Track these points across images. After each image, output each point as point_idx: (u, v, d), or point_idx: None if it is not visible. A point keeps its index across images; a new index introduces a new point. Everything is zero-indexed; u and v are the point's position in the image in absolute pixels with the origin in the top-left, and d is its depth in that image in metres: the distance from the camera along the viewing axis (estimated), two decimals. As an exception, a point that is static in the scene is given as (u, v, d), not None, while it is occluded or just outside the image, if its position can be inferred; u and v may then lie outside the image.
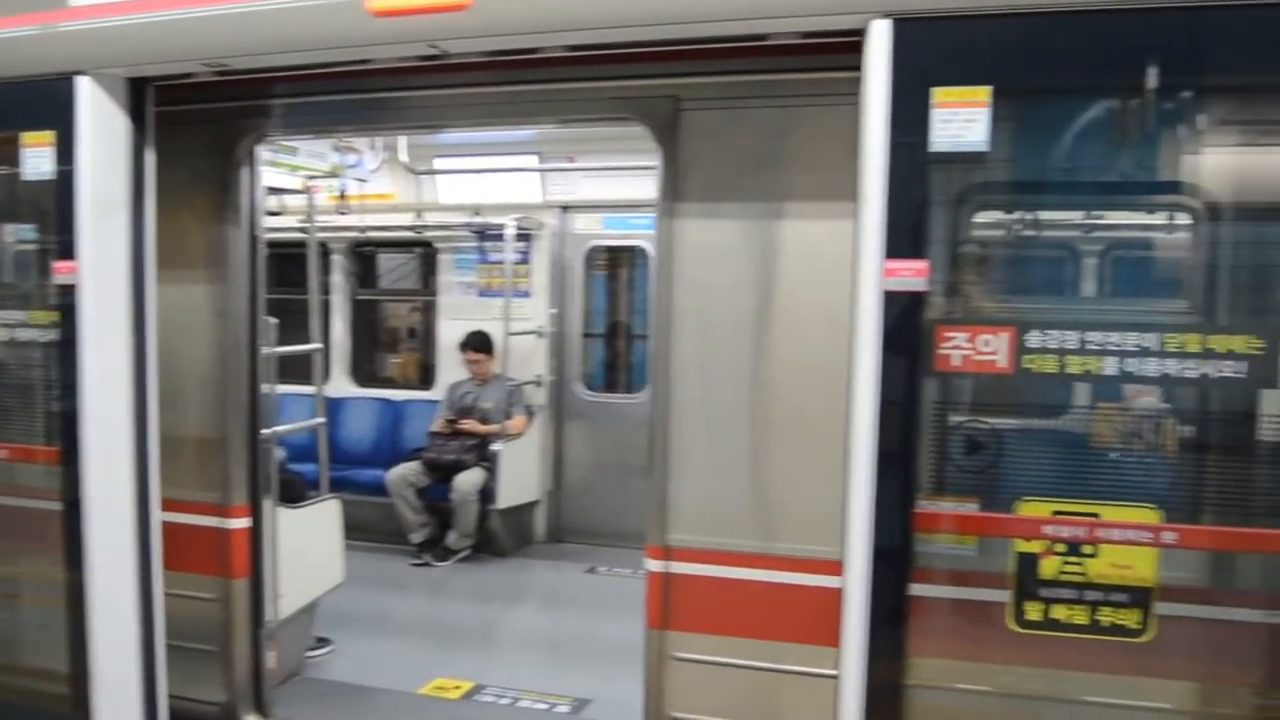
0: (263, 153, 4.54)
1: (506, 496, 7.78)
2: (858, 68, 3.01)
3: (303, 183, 6.24)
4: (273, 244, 4.65)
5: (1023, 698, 3.21)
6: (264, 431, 4.50)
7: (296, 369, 5.61)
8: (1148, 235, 3.39)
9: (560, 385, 8.49)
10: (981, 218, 3.21)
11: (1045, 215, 3.24)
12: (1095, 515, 2.93)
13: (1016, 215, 3.18)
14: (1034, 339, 2.87)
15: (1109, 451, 3.05)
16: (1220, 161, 3.05)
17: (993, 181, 3.10)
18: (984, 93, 2.83)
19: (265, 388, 4.49)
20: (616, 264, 9.08)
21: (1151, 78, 2.87)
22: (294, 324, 5.37)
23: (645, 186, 4.85)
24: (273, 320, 4.50)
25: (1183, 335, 2.82)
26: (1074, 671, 3.13)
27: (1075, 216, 3.42)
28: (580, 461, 8.53)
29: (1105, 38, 2.84)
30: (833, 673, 3.25)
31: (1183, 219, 3.19)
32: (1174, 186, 3.11)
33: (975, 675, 3.21)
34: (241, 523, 4.41)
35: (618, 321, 9.28)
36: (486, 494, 7.73)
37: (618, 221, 8.27)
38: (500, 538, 7.95)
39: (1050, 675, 3.16)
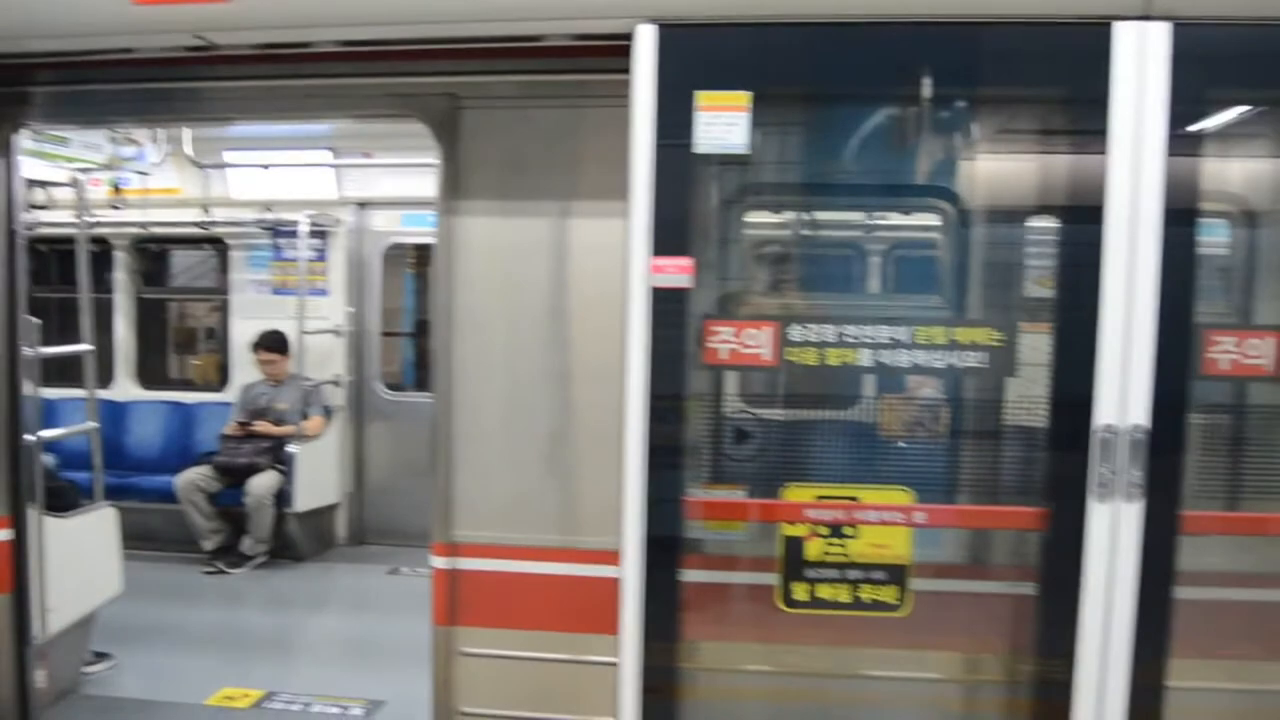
0: (25, 142, 4.27)
1: (304, 499, 7.57)
2: (628, 70, 3.09)
3: (70, 175, 5.88)
4: (45, 240, 4.37)
5: (795, 675, 3.38)
6: (27, 437, 4.24)
7: (77, 372, 5.29)
8: (903, 236, 3.61)
9: (360, 385, 8.32)
10: (747, 218, 3.34)
11: (806, 216, 3.41)
12: (854, 499, 3.11)
13: (779, 215, 3.33)
14: (796, 333, 3.02)
15: (867, 438, 3.24)
16: (969, 167, 3.28)
17: (756, 183, 3.24)
18: (744, 98, 2.95)
19: (28, 390, 4.23)
20: (424, 262, 8.96)
21: (903, 87, 3.07)
22: (73, 324, 5.08)
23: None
24: (35, 320, 4.25)
25: (931, 329, 3.02)
26: (841, 648, 3.32)
27: (835, 217, 3.61)
28: (382, 462, 8.39)
29: (859, 48, 3.00)
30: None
31: (934, 220, 3.42)
32: (925, 190, 3.32)
33: (749, 656, 3.35)
34: (2, 535, 4.14)
35: (425, 320, 9.15)
36: (283, 497, 7.50)
37: (417, 219, 8.16)
38: (298, 542, 7.73)
39: (819, 652, 3.33)
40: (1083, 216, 2.91)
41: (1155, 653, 3.07)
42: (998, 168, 3.26)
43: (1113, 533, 2.97)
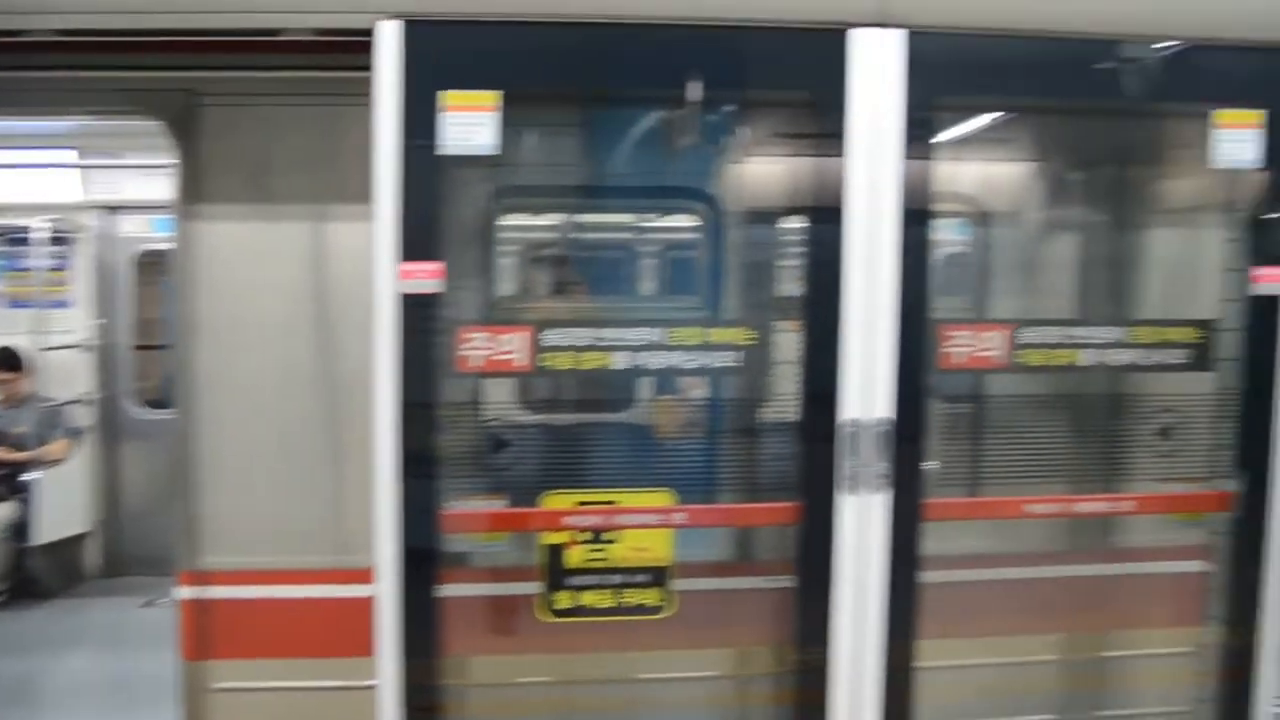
0: None
1: (47, 530, 6.97)
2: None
3: None
4: None
5: (565, 685, 3.33)
6: None
7: None
8: (660, 238, 3.63)
9: (111, 403, 7.74)
10: (504, 220, 3.28)
11: (562, 219, 3.37)
12: (614, 503, 3.09)
13: (536, 218, 3.28)
14: (551, 338, 2.97)
15: (627, 441, 3.23)
16: (721, 170, 3.33)
17: (513, 185, 3.18)
18: (492, 98, 2.88)
19: None
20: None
21: (652, 90, 3.08)
22: None
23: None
24: None
25: (686, 330, 3.03)
26: (610, 653, 3.29)
27: (591, 220, 3.60)
28: (140, 485, 7.82)
29: (607, 50, 2.99)
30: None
31: (691, 222, 3.45)
32: (680, 192, 3.35)
33: (517, 668, 3.29)
34: None
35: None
36: (21, 529, 6.87)
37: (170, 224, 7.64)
38: (42, 577, 7.11)
39: (588, 660, 3.30)
40: (826, 217, 2.99)
41: (905, 635, 3.20)
42: (748, 170, 3.32)
43: (862, 523, 3.07)
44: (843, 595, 3.10)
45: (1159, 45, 3.17)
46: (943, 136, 3.25)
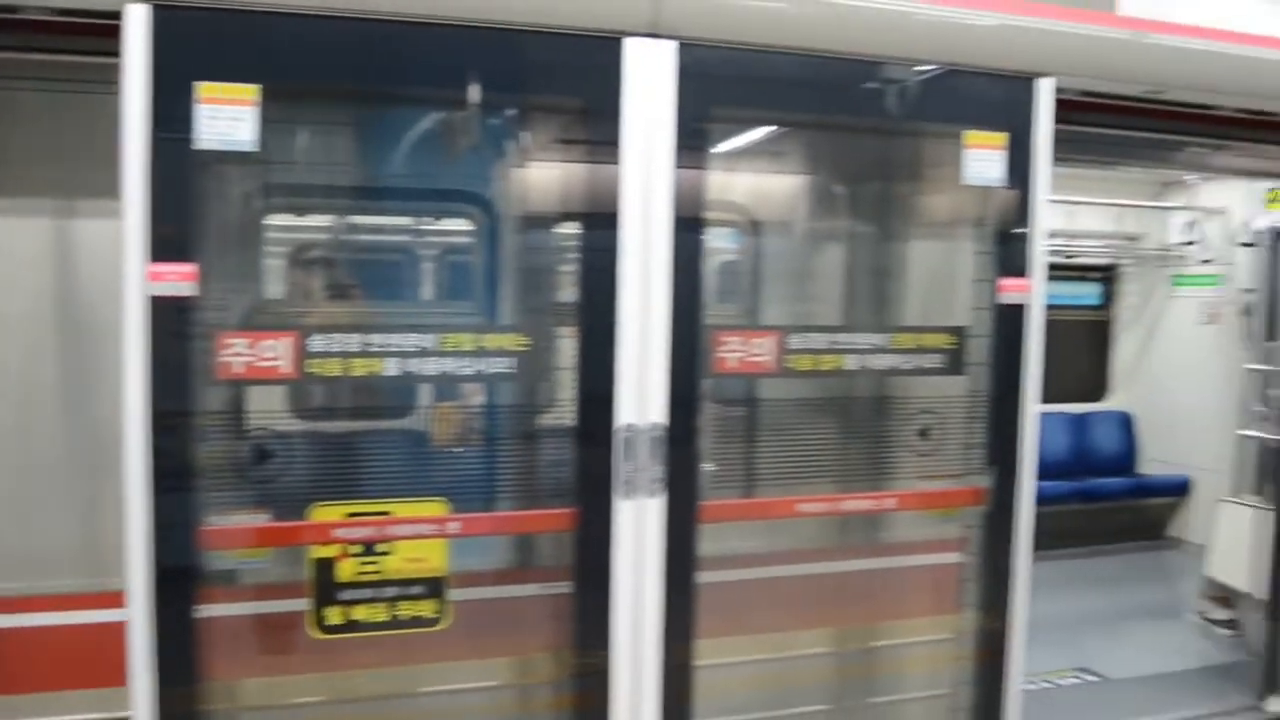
0: None
1: None
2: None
3: None
4: None
5: (336, 703, 3.21)
6: None
7: None
8: (436, 241, 3.56)
9: None
10: (267, 220, 3.13)
11: (333, 220, 3.26)
12: (387, 513, 3.00)
13: (303, 219, 3.15)
14: (318, 343, 2.85)
15: (401, 450, 3.14)
16: (499, 174, 3.29)
17: (277, 184, 3.04)
18: (251, 91, 2.74)
19: None
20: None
21: (426, 90, 3.01)
22: None
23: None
24: None
25: (460, 335, 2.98)
26: (387, 668, 3.20)
27: (365, 222, 3.49)
28: None
29: (376, 46, 2.89)
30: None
31: (467, 226, 3.39)
32: (455, 195, 3.29)
33: (288, 689, 3.15)
34: None
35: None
36: None
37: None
38: None
39: (364, 676, 3.19)
40: (601, 224, 3.00)
41: (683, 635, 3.25)
42: (525, 175, 3.30)
43: (638, 527, 3.10)
44: (620, 599, 3.12)
45: (915, 69, 3.34)
46: (715, 147, 3.32)
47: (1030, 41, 3.38)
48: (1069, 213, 7.17)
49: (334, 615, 3.03)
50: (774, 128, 3.58)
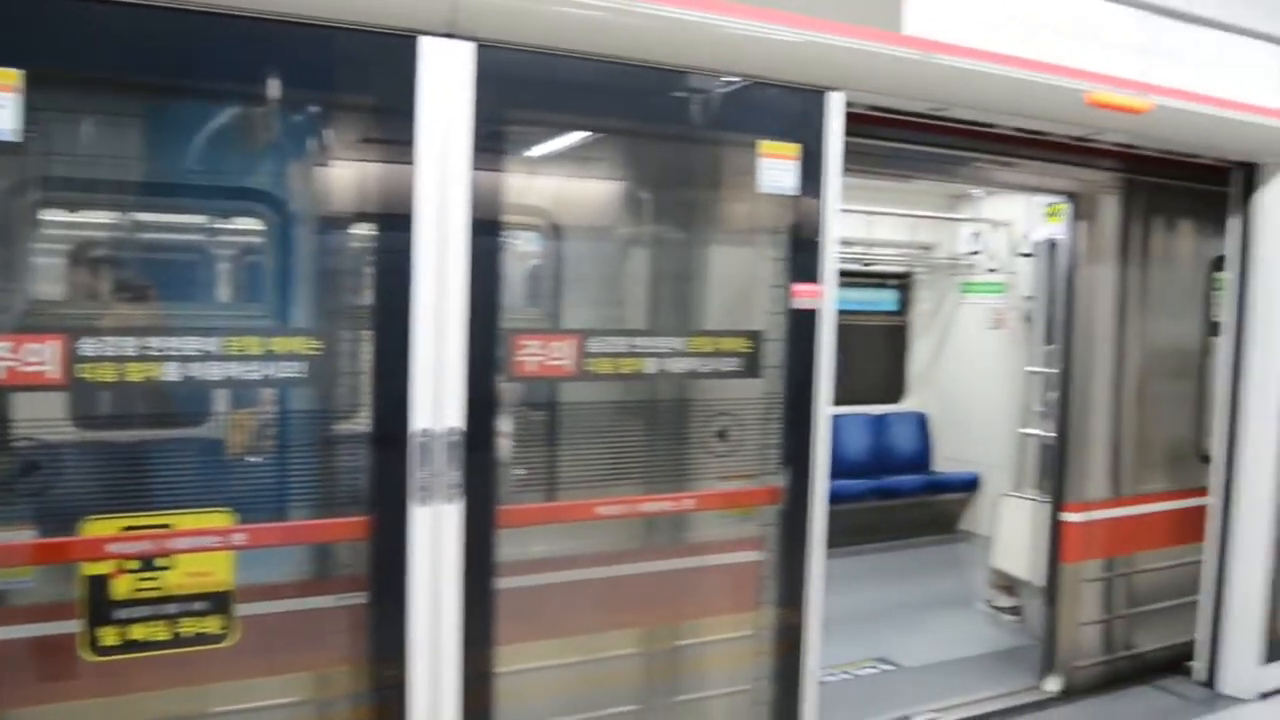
0: None
1: None
2: None
3: None
4: None
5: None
6: None
7: None
8: (222, 240, 3.42)
9: None
10: (38, 216, 2.93)
11: (113, 216, 3.08)
12: (168, 526, 2.85)
13: (81, 215, 2.97)
14: (90, 347, 2.68)
15: (183, 459, 3.00)
16: (291, 172, 3.17)
17: (51, 177, 2.86)
18: (13, 75, 2.56)
19: None
20: None
21: (210, 82, 2.88)
22: None
23: None
24: None
25: (245, 339, 2.85)
26: (168, 690, 3.03)
27: (148, 219, 3.31)
28: None
29: (149, 33, 2.73)
30: None
31: (256, 226, 3.27)
32: (242, 193, 3.16)
33: (57, 717, 2.94)
34: None
35: None
36: None
37: None
38: None
39: (141, 699, 3.01)
40: (396, 225, 2.94)
41: (483, 643, 3.21)
42: (320, 174, 3.20)
43: (435, 534, 3.04)
44: (417, 608, 3.06)
45: (713, 79, 3.41)
46: (515, 150, 3.31)
47: (821, 57, 3.50)
48: (867, 222, 7.47)
49: (109, 636, 2.84)
50: (575, 132, 3.59)
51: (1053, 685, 5.28)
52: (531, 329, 3.32)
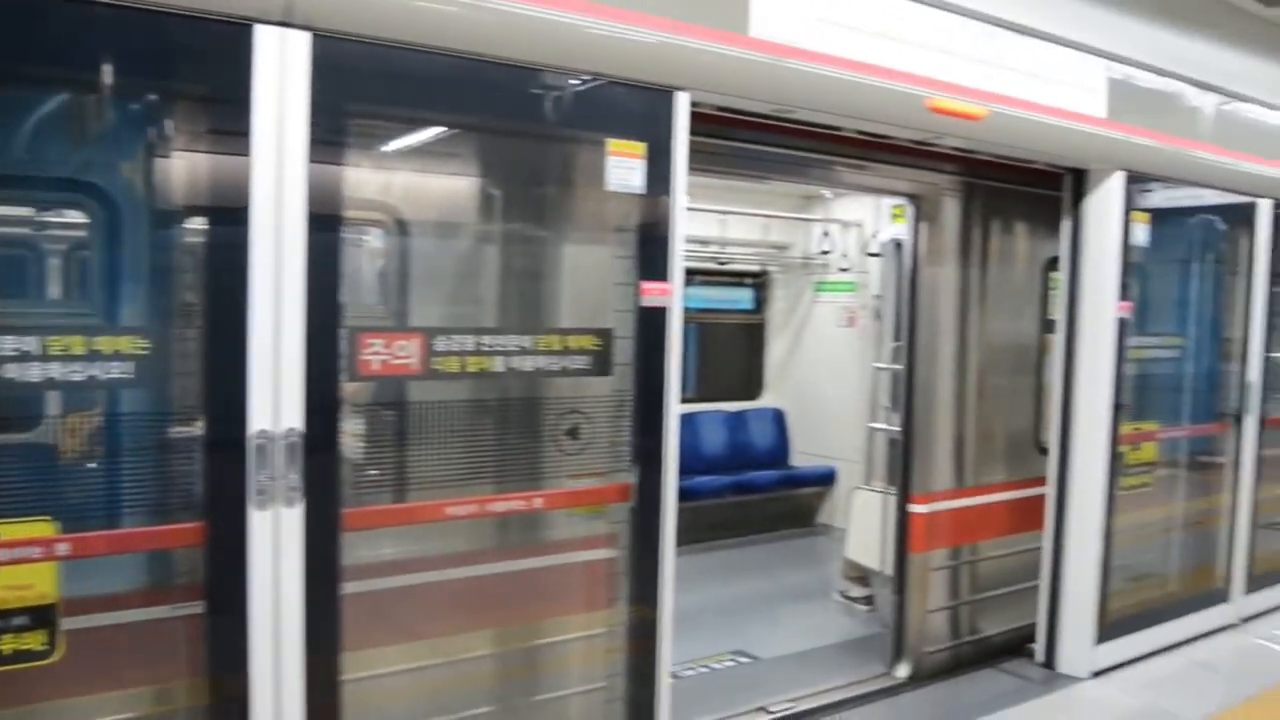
0: None
1: None
2: None
3: None
4: None
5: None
6: None
7: None
8: (45, 234, 3.24)
9: None
10: None
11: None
12: (-21, 536, 2.68)
13: None
14: None
15: (-1, 465, 2.83)
16: (128, 164, 3.03)
17: None
18: None
19: None
20: None
21: (36, 68, 2.73)
22: None
23: None
24: None
25: (67, 338, 2.71)
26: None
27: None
28: None
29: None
30: None
31: (83, 219, 3.12)
32: (72, 185, 3.01)
33: None
34: None
35: None
36: None
37: None
38: None
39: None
40: (231, 219, 2.84)
41: (329, 650, 3.13)
42: (152, 166, 3.06)
43: (275, 539, 2.95)
44: (258, 617, 2.96)
45: (561, 76, 3.40)
46: (356, 143, 3.24)
47: (668, 56, 3.53)
48: (722, 222, 7.60)
49: (-90, 656, 2.66)
50: (420, 127, 3.53)
51: (902, 671, 5.46)
52: (375, 327, 3.24)
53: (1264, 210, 6.32)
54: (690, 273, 5.05)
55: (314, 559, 3.02)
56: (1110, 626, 5.54)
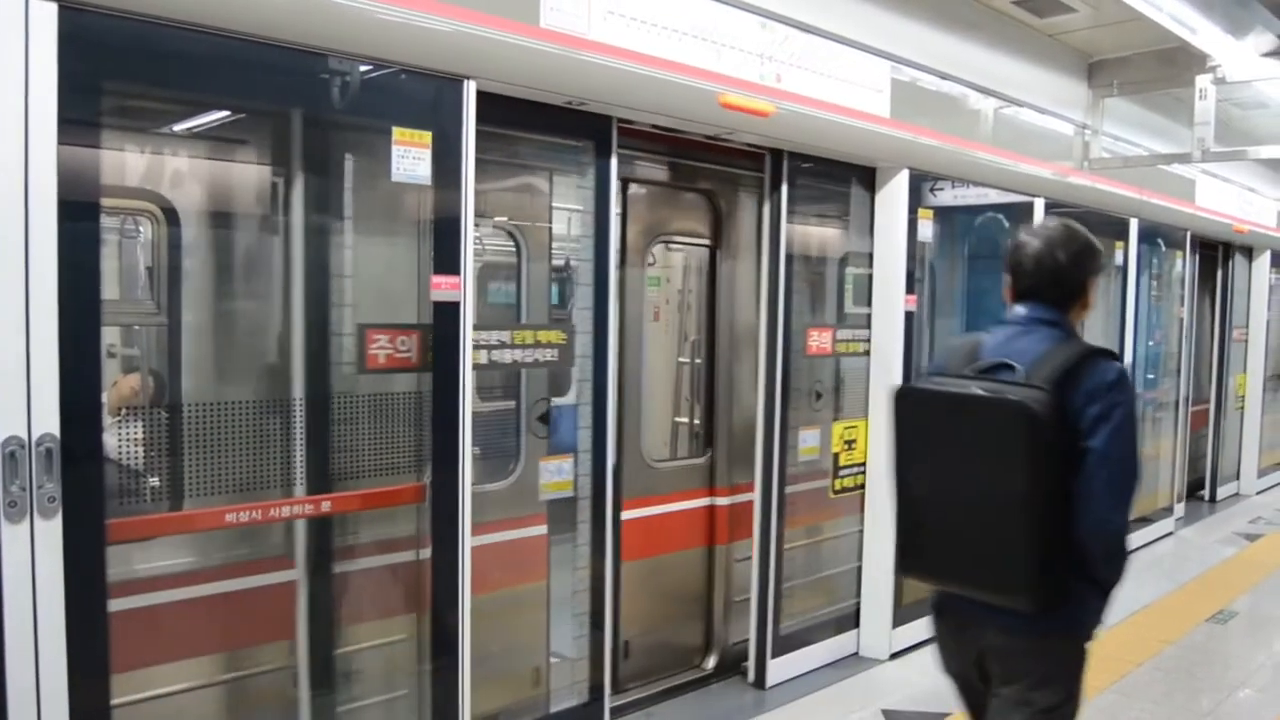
0: None
1: None
2: None
3: None
4: None
5: None
6: None
7: None
8: None
9: None
10: None
11: None
12: None
13: None
14: None
15: None
16: None
17: None
18: None
19: None
20: None
21: None
22: None
23: None
24: None
25: None
26: None
27: None
28: None
29: None
30: None
31: None
32: None
33: None
34: None
35: None
36: None
37: None
38: None
39: None
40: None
41: (96, 672, 2.90)
42: None
43: (31, 554, 2.71)
44: (15, 639, 2.70)
45: (342, 61, 3.28)
46: (117, 125, 3.03)
47: (456, 44, 3.44)
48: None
49: None
50: (192, 111, 3.34)
51: (711, 663, 5.51)
52: (143, 323, 3.03)
53: (1039, 209, 6.72)
54: (496, 268, 4.98)
55: (76, 574, 2.79)
56: (906, 609, 5.76)
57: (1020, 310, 2.76)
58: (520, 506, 4.30)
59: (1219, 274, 10.61)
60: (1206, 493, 10.71)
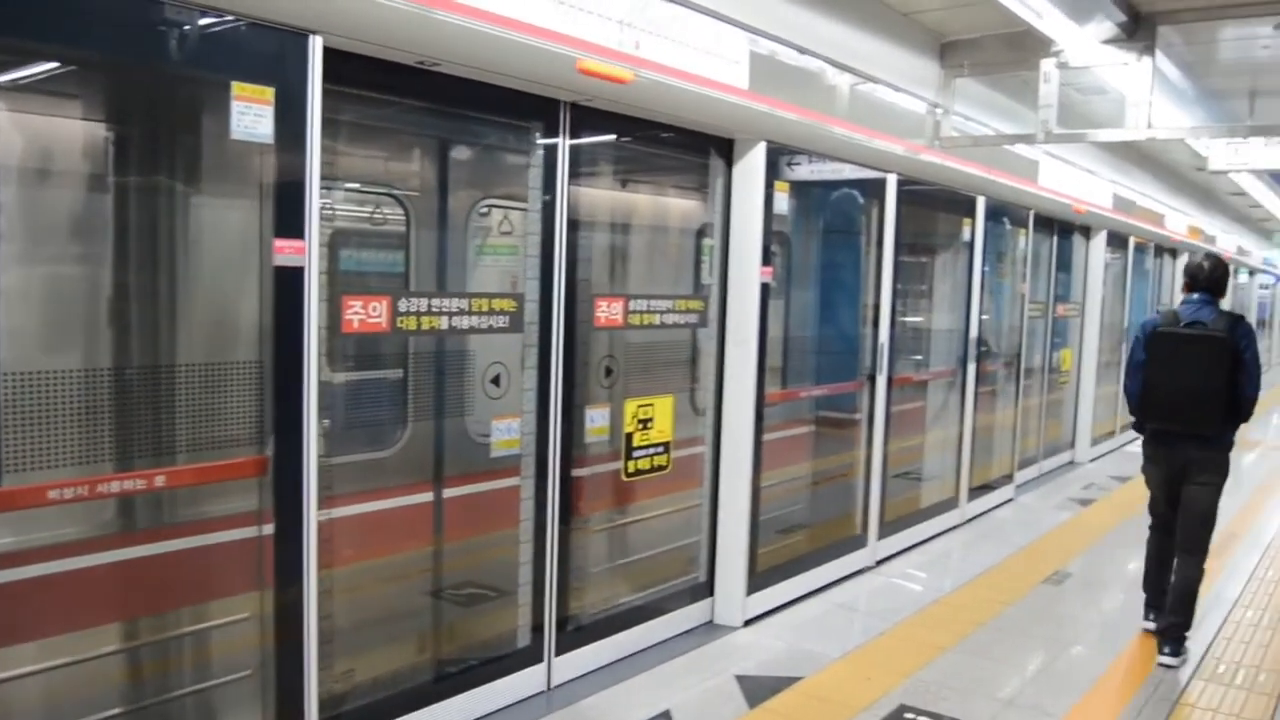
0: None
1: None
2: None
3: None
4: None
5: None
6: None
7: None
8: None
9: None
10: None
11: None
12: None
13: None
14: None
15: None
16: None
17: None
18: None
19: None
20: None
21: None
22: None
23: None
24: None
25: None
26: None
27: None
28: None
29: None
30: None
31: None
32: None
33: None
34: None
35: None
36: None
37: None
38: None
39: None
40: None
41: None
42: None
43: None
44: None
45: (175, 7, 3.08)
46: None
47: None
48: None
49: None
50: (10, 59, 3.08)
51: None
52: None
53: (891, 185, 6.85)
54: (349, 233, 4.81)
55: None
56: (760, 576, 5.85)
57: (1196, 296, 5.37)
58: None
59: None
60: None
